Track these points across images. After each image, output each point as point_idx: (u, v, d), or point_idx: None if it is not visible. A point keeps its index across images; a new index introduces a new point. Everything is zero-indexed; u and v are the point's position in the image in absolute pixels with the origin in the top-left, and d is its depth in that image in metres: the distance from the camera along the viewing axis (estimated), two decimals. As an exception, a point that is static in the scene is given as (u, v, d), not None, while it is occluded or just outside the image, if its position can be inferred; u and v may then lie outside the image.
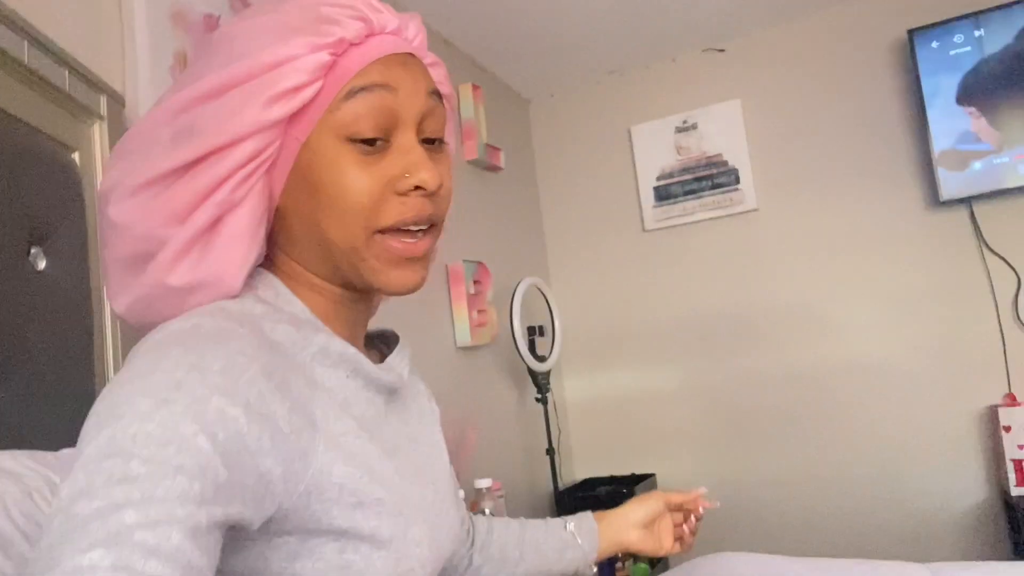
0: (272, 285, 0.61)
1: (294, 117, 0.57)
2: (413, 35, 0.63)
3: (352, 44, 0.58)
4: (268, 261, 0.63)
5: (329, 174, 0.57)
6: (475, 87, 2.58)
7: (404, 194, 0.59)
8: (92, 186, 1.10)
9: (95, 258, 1.08)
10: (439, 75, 0.66)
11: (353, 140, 0.57)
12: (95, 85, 1.13)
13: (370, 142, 0.58)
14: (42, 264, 0.95)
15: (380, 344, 0.75)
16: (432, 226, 0.62)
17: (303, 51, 0.55)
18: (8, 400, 0.84)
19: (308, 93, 0.56)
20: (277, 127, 0.56)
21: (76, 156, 1.08)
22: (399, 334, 0.75)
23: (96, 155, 1.13)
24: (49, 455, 0.77)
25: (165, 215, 0.56)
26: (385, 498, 0.57)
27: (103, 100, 1.15)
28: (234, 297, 0.59)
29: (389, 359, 0.68)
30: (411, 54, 0.61)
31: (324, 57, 0.56)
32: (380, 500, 0.56)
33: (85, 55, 1.15)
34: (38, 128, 0.99)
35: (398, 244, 0.59)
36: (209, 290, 0.57)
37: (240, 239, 0.57)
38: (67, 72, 1.06)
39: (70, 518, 0.42)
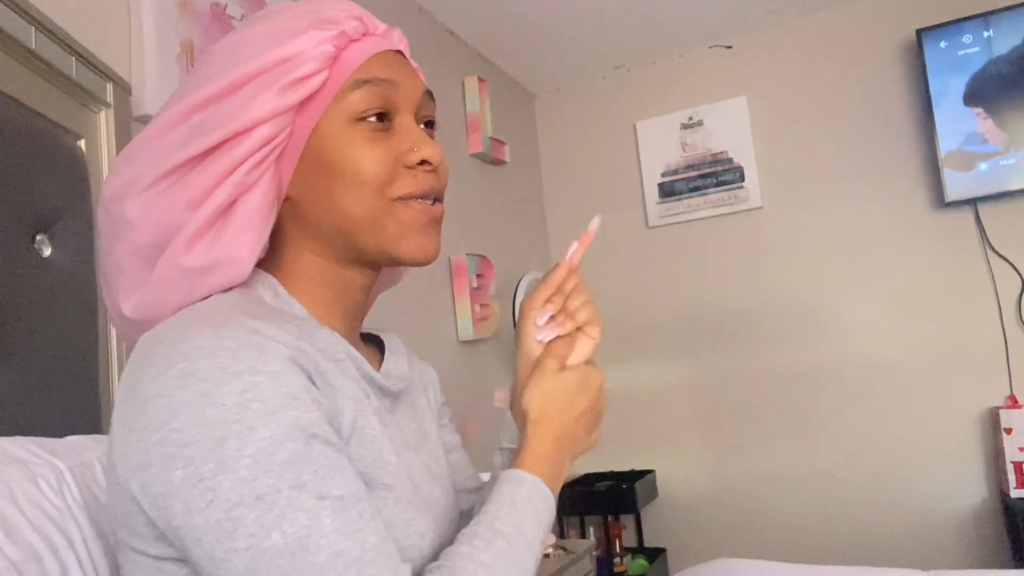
0: (271, 286, 0.64)
1: (302, 106, 0.61)
2: (398, 40, 0.68)
3: (352, 39, 0.63)
4: (269, 262, 0.66)
5: (343, 152, 0.61)
6: (481, 80, 2.57)
7: (412, 168, 0.64)
8: (98, 173, 1.10)
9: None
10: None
11: (362, 119, 0.62)
12: (102, 73, 1.13)
13: (380, 118, 0.63)
14: (48, 251, 0.95)
15: (371, 345, 0.75)
16: (437, 199, 0.67)
17: (310, 45, 0.60)
18: (13, 386, 0.84)
19: (316, 81, 0.61)
20: (288, 114, 0.60)
21: (82, 143, 1.08)
22: (389, 332, 0.76)
23: (102, 142, 1.13)
24: (55, 442, 0.77)
25: (184, 201, 0.59)
26: (394, 485, 0.60)
27: (110, 88, 1.14)
28: (235, 290, 0.61)
29: (386, 365, 0.70)
30: (401, 52, 0.67)
31: (329, 48, 0.61)
32: (388, 486, 0.59)
33: (92, 42, 1.15)
34: (44, 115, 0.99)
35: (418, 206, 0.64)
36: (222, 271, 0.59)
37: (252, 220, 0.60)
38: (74, 59, 1.06)
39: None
